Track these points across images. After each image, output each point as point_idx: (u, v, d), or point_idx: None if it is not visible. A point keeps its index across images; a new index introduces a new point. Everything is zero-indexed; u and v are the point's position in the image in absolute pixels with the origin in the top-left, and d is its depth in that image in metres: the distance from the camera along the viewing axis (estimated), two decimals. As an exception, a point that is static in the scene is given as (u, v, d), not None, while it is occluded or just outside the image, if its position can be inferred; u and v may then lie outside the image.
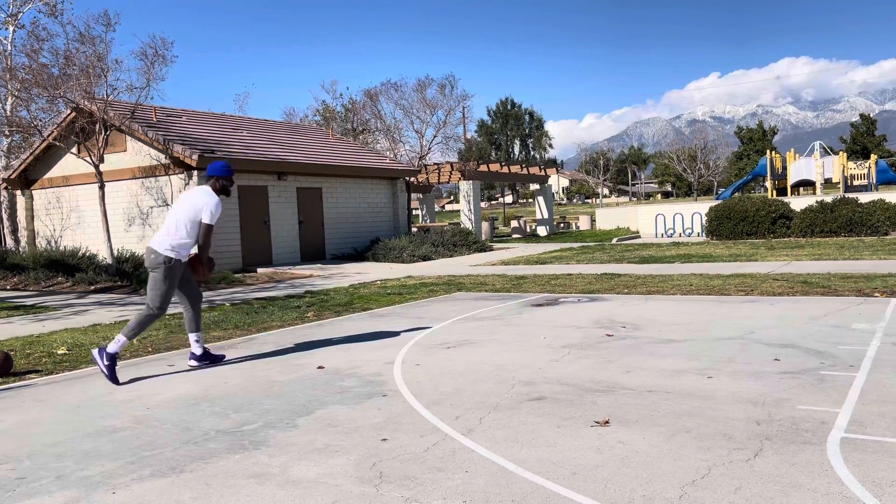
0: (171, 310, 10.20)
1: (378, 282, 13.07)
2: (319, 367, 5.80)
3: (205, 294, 12.32)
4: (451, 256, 18.99)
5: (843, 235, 19.31)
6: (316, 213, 19.19)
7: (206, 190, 5.89)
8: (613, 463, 3.30)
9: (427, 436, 3.86)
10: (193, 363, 6.07)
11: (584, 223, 34.58)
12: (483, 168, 28.73)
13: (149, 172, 16.64)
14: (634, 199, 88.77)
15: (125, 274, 14.35)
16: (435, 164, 28.06)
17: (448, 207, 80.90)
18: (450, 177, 27.44)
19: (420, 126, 28.23)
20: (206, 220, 5.79)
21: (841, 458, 3.20)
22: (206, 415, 4.52)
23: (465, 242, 20.43)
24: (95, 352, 5.61)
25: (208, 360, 6.12)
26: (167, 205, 16.38)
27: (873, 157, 36.67)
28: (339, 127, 33.04)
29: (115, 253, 15.17)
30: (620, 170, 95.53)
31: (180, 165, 15.93)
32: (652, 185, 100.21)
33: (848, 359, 5.17)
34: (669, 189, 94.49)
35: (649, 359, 5.54)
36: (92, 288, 13.54)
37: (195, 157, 15.38)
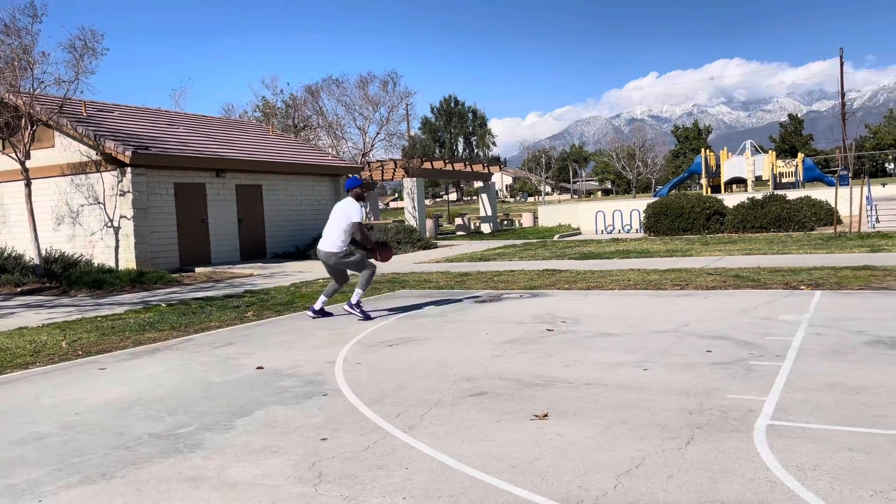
0: (105, 311, 9.87)
1: (320, 280, 12.93)
2: (259, 368, 5.70)
3: (139, 295, 11.97)
4: (395, 254, 18.94)
5: (773, 231, 20.07)
6: (256, 210, 18.85)
7: (350, 200, 7.97)
8: (551, 455, 3.35)
9: (367, 434, 3.84)
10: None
11: (527, 220, 34.97)
12: (427, 165, 28.74)
13: (79, 169, 16.04)
14: (576, 196, 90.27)
15: (54, 275, 13.80)
16: (378, 161, 27.93)
17: (392, 205, 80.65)
18: (394, 174, 27.36)
19: (363, 123, 28.07)
20: (355, 220, 7.88)
21: (766, 444, 3.33)
22: (138, 419, 4.39)
23: (409, 240, 20.40)
24: (346, 305, 8.05)
25: (322, 315, 8.24)
26: (99, 203, 15.82)
27: (800, 155, 38.25)
28: (280, 123, 32.52)
29: (44, 253, 14.57)
30: (562, 168, 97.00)
31: (113, 162, 15.41)
32: (593, 182, 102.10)
33: (775, 349, 5.38)
34: (609, 187, 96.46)
35: (588, 352, 5.65)
36: (19, 290, 12.99)
37: (128, 153, 14.90)
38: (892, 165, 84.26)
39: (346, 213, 7.93)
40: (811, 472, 2.97)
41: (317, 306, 8.27)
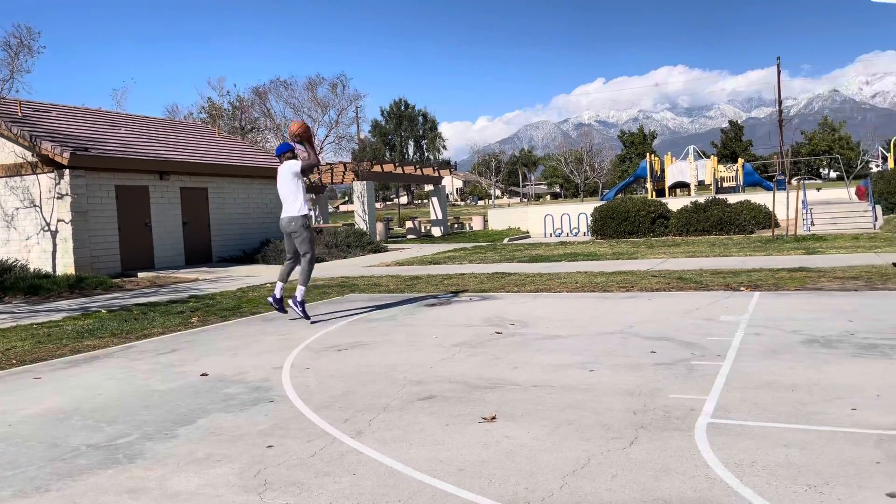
0: (42, 318, 9.51)
1: (268, 285, 12.73)
2: (203, 375, 5.58)
3: (77, 301, 11.58)
4: (344, 258, 18.79)
5: (715, 234, 20.65)
6: (202, 214, 18.46)
7: (287, 163, 8.02)
8: (499, 457, 3.37)
9: (315, 440, 3.79)
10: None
11: (477, 224, 35.17)
12: (377, 168, 28.63)
13: (13, 171, 15.43)
14: (525, 200, 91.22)
15: (-13, 281, 13.23)
16: (328, 164, 27.69)
17: (342, 208, 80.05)
18: (343, 177, 27.16)
19: (312, 125, 27.76)
20: (296, 169, 7.92)
21: (707, 442, 3.42)
22: (76, 429, 4.24)
23: (359, 243, 20.27)
24: (291, 301, 7.93)
25: (280, 307, 8.18)
26: (35, 206, 15.25)
27: (740, 160, 39.48)
28: (227, 125, 31.93)
29: (-24, 258, 13.96)
30: (512, 171, 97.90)
31: (50, 164, 14.87)
32: (542, 186, 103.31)
33: (716, 349, 5.53)
34: (558, 190, 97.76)
35: (536, 355, 5.70)
36: (-52, 296, 12.40)
37: (66, 154, 14.41)
38: (826, 170, 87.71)
39: (286, 169, 7.96)
40: (749, 468, 3.07)
41: (277, 294, 8.18)
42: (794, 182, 33.28)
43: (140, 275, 15.41)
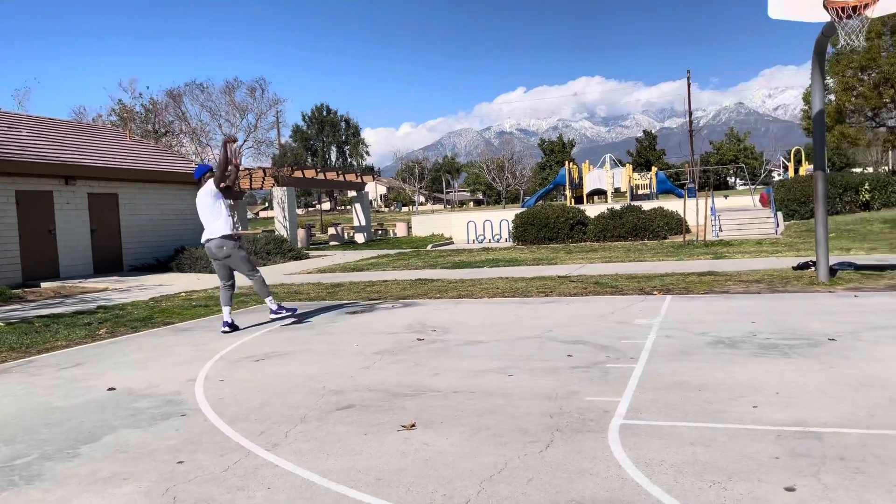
0: (-72, 333, 8.86)
1: (182, 294, 12.31)
2: (110, 389, 5.32)
3: (-26, 313, 10.85)
4: (264, 265, 18.38)
5: (630, 240, 21.33)
6: (111, 220, 17.67)
7: (206, 184, 7.83)
8: (417, 465, 3.36)
9: (228, 454, 3.68)
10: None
11: (401, 230, 35.11)
12: (298, 174, 28.18)
13: None
14: (449, 206, 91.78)
15: None
16: (246, 169, 27.04)
17: (263, 214, 78.34)
18: (263, 182, 26.58)
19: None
20: (213, 186, 7.74)
21: (619, 443, 3.51)
22: (-34, 451, 3.96)
23: (279, 251, 19.88)
24: (271, 315, 8.06)
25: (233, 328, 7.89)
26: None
27: (654, 169, 41.01)
28: (139, 128, 30.73)
29: None
30: (436, 178, 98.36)
31: (-58, 167, 13.91)
32: (465, 193, 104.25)
33: (629, 352, 5.70)
34: (481, 197, 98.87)
35: (456, 361, 5.73)
36: None
37: (-39, 157, 13.51)
38: (733, 179, 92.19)
39: (205, 192, 7.80)
40: (658, 467, 3.17)
41: (227, 319, 7.90)
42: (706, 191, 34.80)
43: (43, 285, 14.60)
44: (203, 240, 7.95)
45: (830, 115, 25.51)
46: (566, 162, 43.70)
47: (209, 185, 7.82)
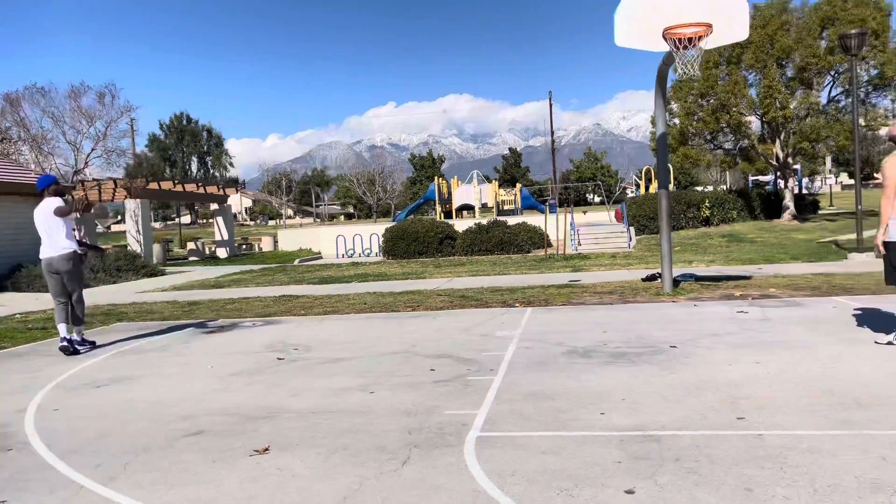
0: None
1: (18, 315, 11.25)
2: (-80, 425, 4.73)
3: None
4: (114, 283, 17.18)
5: (497, 253, 21.93)
6: (-65, 235, 15.85)
7: (48, 199, 7.34)
8: (269, 491, 3.23)
9: (58, 491, 3.36)
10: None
11: (266, 244, 34.09)
12: (154, 186, 26.66)
13: None
14: (318, 220, 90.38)
15: None
16: (95, 180, 25.24)
17: (115, 228, 73.44)
18: (114, 194, 24.90)
19: (75, 137, 25.20)
20: (57, 205, 7.29)
21: (475, 455, 3.56)
22: None
23: (131, 267, 18.66)
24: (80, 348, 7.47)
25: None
26: None
27: (518, 185, 42.54)
28: (-29, 134, 27.92)
29: None
30: (305, 191, 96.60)
31: None
32: (335, 206, 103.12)
33: (490, 364, 5.81)
34: (352, 211, 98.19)
35: (318, 379, 5.59)
36: None
37: None
38: (592, 195, 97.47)
39: (48, 206, 7.32)
40: (510, 477, 3.23)
41: (64, 333, 7.38)
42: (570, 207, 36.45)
43: None
44: (42, 255, 7.33)
45: (675, 138, 27.57)
46: (436, 177, 44.37)
47: (52, 200, 7.34)
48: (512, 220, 24.21)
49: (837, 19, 23.26)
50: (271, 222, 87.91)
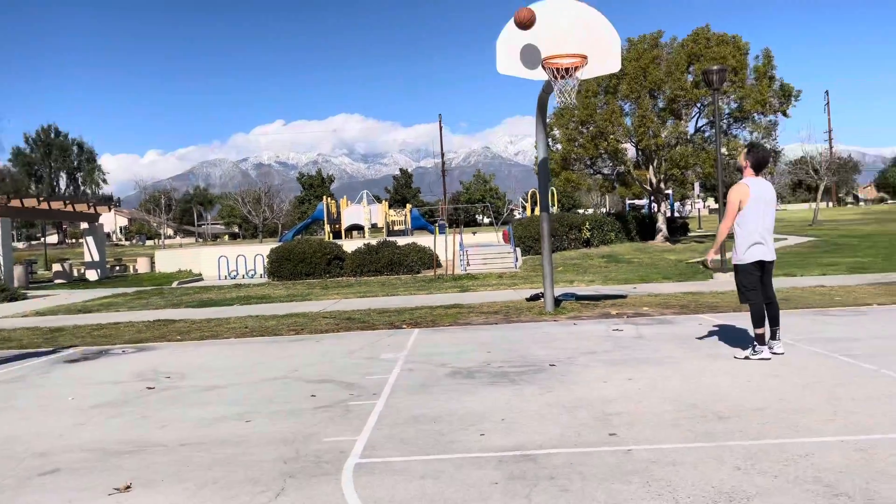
0: None
1: None
2: None
3: None
4: (-33, 308, 15.70)
5: (386, 274, 21.86)
6: None
7: None
8: (128, 534, 3.01)
9: None
10: None
11: (143, 266, 32.33)
12: (15, 203, 24.70)
13: None
14: (201, 240, 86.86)
15: None
16: (-53, 196, 23.06)
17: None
18: (-31, 212, 22.84)
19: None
20: None
21: (353, 483, 3.48)
22: None
23: (-12, 291, 17.14)
24: None
25: None
26: None
27: (409, 206, 42.78)
28: None
29: None
30: (186, 210, 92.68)
31: None
32: (219, 226, 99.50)
33: (373, 388, 5.74)
34: (237, 230, 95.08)
35: (190, 409, 5.32)
36: None
37: None
38: (481, 217, 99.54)
39: None
40: (387, 505, 3.18)
41: None
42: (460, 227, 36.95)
43: None
44: None
45: (558, 163, 28.69)
46: (325, 197, 43.82)
47: None
48: (402, 241, 24.26)
49: (702, 56, 25.13)
50: (149, 242, 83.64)
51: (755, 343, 6.11)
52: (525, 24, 8.06)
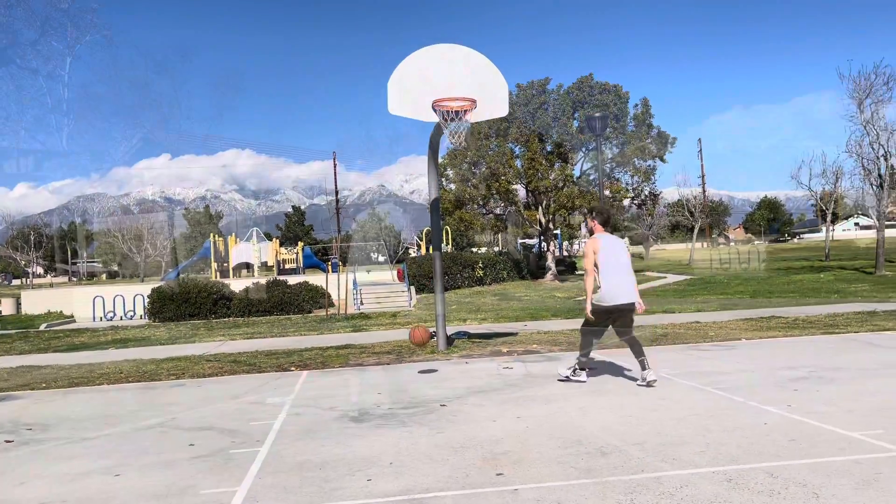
0: None
1: None
2: None
3: None
4: None
5: (276, 314, 21.25)
6: None
7: None
8: None
9: None
10: None
11: (7, 307, 29.84)
12: None
13: None
14: (76, 279, 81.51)
15: None
16: None
17: None
18: None
19: None
20: None
21: (230, 539, 3.28)
22: None
23: None
24: None
25: None
26: None
27: (301, 243, 42.05)
28: None
29: None
30: (60, 247, 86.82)
31: None
32: (97, 264, 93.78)
33: (257, 434, 5.50)
34: (116, 269, 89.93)
35: (53, 464, 4.89)
36: None
37: None
38: (376, 255, 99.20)
39: None
40: (266, 561, 3.02)
41: None
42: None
43: None
44: None
45: (451, 202, 29.20)
46: (211, 235, 42.34)
47: None
48: (293, 280, 23.74)
49: (586, 102, 26.53)
50: (16, 281, 77.59)
51: (577, 367, 7.02)
52: (420, 344, 8.87)
